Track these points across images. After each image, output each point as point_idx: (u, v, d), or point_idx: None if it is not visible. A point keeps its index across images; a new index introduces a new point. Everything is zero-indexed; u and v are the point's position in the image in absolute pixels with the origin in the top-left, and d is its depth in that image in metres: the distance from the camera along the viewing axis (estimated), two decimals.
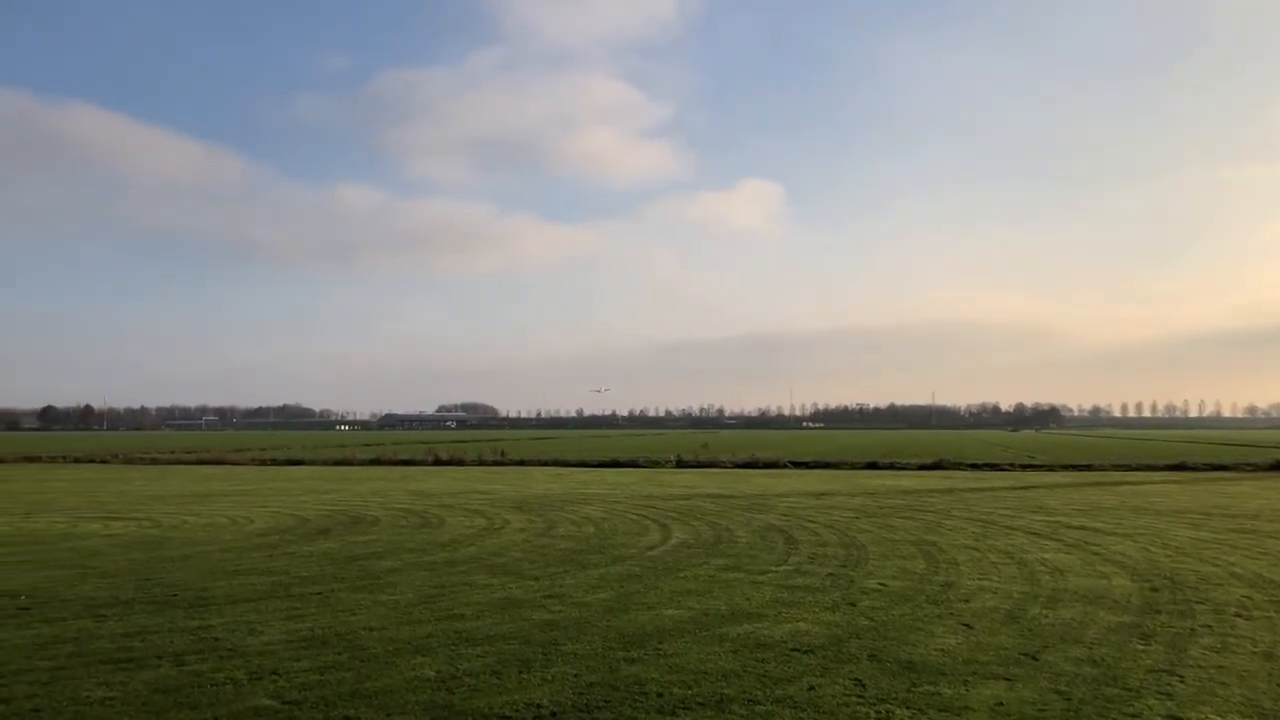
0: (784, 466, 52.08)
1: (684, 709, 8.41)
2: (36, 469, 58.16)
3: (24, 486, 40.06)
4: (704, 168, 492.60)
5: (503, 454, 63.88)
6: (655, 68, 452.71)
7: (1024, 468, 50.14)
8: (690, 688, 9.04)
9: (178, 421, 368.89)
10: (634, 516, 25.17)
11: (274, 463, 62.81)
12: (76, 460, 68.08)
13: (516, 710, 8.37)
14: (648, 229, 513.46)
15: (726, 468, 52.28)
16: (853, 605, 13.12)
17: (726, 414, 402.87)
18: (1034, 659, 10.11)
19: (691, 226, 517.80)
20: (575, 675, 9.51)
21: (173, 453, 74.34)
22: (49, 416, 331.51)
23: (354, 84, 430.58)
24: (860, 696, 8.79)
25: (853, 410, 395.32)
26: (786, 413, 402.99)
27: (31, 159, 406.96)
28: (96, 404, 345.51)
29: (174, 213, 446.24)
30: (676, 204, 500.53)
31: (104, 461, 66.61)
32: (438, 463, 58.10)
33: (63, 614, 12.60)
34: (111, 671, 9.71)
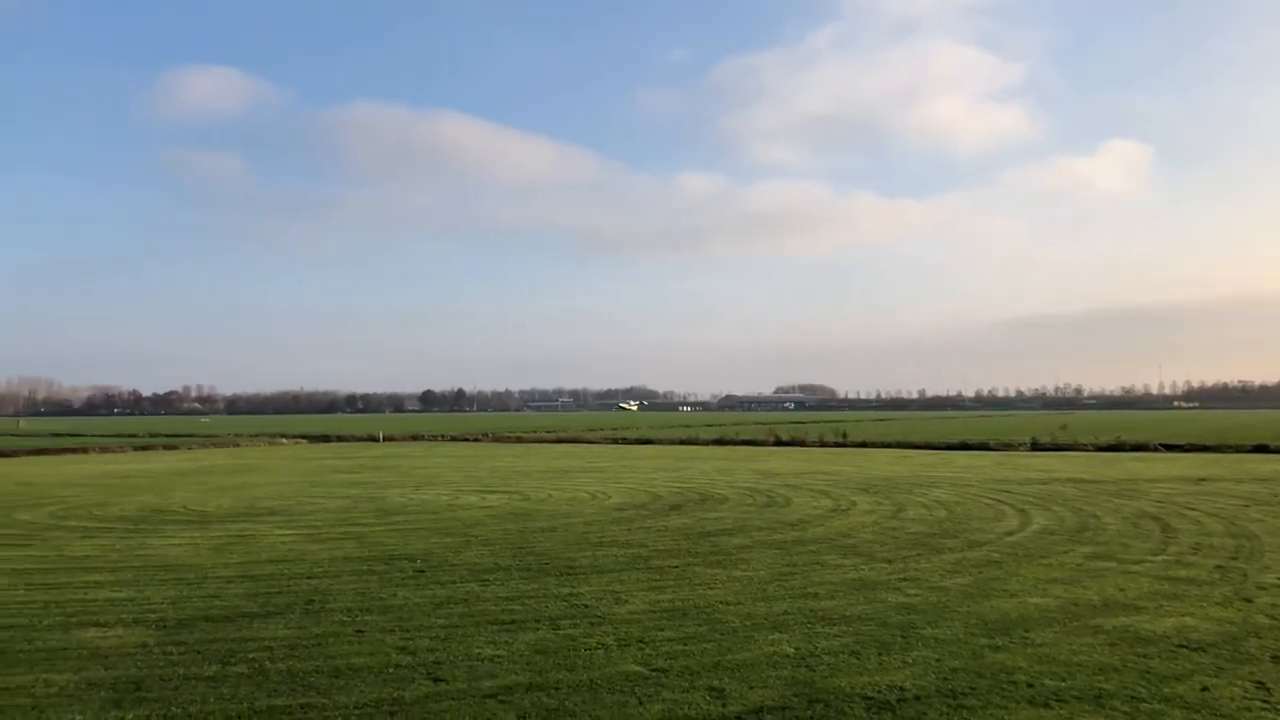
0: (1154, 450, 47.94)
1: (1058, 701, 7.94)
2: (420, 447, 64.58)
3: (412, 463, 44.61)
4: (1059, 131, 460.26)
5: (844, 435, 63.38)
6: (1004, 28, 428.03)
7: None
8: (1063, 680, 8.52)
9: (537, 403, 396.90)
10: (988, 500, 24.11)
11: (624, 441, 65.98)
12: (452, 439, 74.97)
13: (878, 691, 8.25)
14: (994, 199, 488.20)
15: (1087, 450, 48.84)
16: (1248, 601, 11.83)
17: (1085, 393, 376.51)
18: None
19: (1044, 194, 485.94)
20: (937, 660, 9.24)
21: (534, 432, 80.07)
22: (428, 399, 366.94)
23: (694, 75, 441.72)
24: (1265, 701, 7.90)
25: (1234, 388, 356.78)
26: (1154, 391, 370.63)
27: (412, 166, 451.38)
28: (467, 387, 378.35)
29: (528, 209, 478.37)
30: (1027, 171, 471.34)
31: (475, 440, 72.90)
32: (779, 443, 58.60)
33: (452, 577, 13.89)
34: (497, 631, 10.57)
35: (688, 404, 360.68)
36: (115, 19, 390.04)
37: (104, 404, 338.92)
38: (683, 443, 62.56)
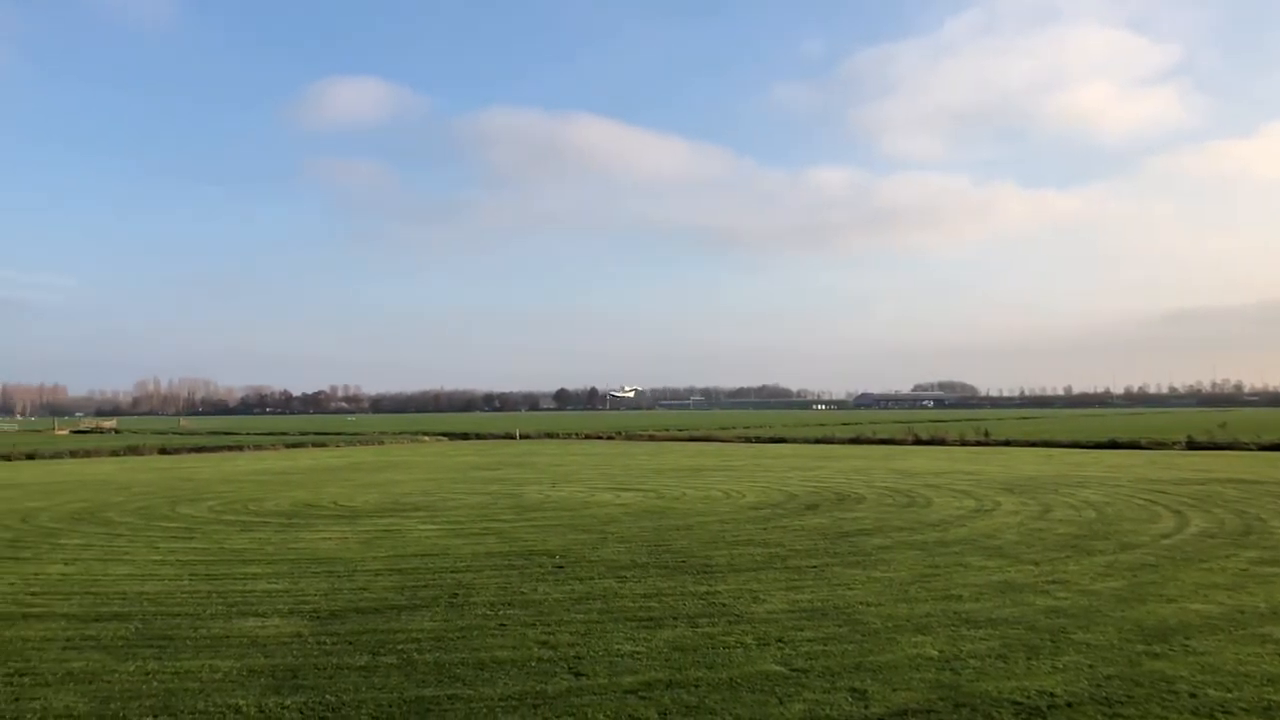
0: None
1: (1224, 713, 7.55)
2: (555, 444, 65.58)
3: (548, 460, 45.35)
4: (1215, 114, 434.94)
5: (986, 434, 61.63)
6: (1156, 8, 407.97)
7: None
8: (1229, 690, 8.09)
9: (668, 401, 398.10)
10: (1140, 501, 23.09)
11: (758, 440, 65.63)
12: (586, 437, 75.88)
13: (1028, 697, 7.99)
14: (1144, 187, 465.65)
15: (1250, 450, 46.28)
16: None
17: (1245, 389, 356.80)
18: None
19: (1199, 180, 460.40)
20: (1090, 666, 8.89)
21: (666, 430, 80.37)
22: (562, 398, 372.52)
23: (828, 67, 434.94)
24: None
25: None
26: None
27: (547, 168, 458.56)
28: (600, 386, 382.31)
29: (661, 208, 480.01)
30: (1181, 157, 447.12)
31: (609, 438, 73.61)
32: (918, 442, 57.37)
33: (590, 574, 14.06)
34: (635, 628, 10.65)
35: (822, 402, 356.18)
36: (262, 35, 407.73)
37: (257, 403, 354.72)
38: (817, 441, 61.89)
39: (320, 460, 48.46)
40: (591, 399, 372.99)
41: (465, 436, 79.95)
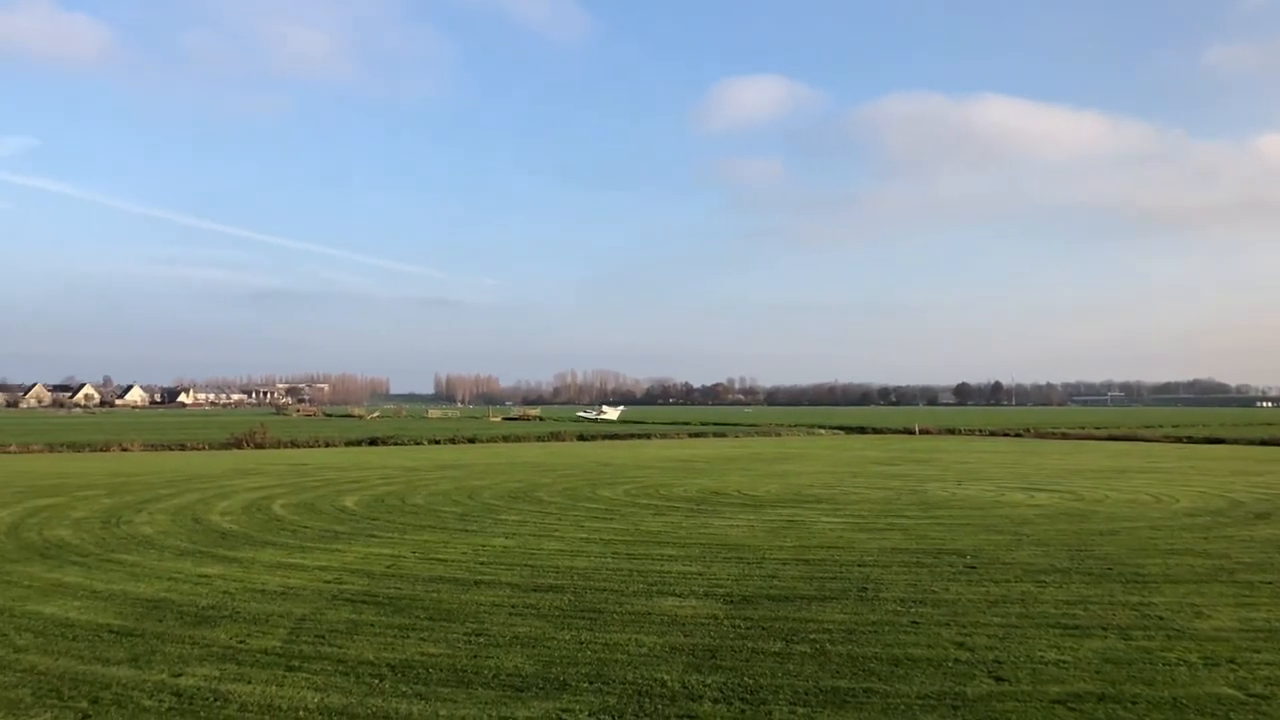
0: None
1: None
2: (956, 441, 63.39)
3: (950, 457, 43.91)
4: None
5: None
6: None
7: None
8: None
9: (1083, 397, 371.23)
10: None
11: (1189, 440, 59.57)
12: (990, 434, 72.62)
13: None
14: None
15: None
16: None
17: None
18: None
19: None
20: None
21: (1081, 428, 75.05)
22: (962, 392, 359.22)
23: (1272, 23, 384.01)
24: None
25: None
26: None
27: (945, 154, 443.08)
28: (1004, 380, 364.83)
29: (1072, 190, 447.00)
30: None
31: (1017, 435, 69.95)
32: None
33: (1005, 576, 13.39)
34: (1059, 636, 9.99)
35: (1269, 399, 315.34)
36: (668, 44, 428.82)
37: (661, 394, 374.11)
38: (1263, 443, 55.05)
39: (721, 450, 50.18)
40: (995, 393, 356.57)
41: (861, 430, 79.39)
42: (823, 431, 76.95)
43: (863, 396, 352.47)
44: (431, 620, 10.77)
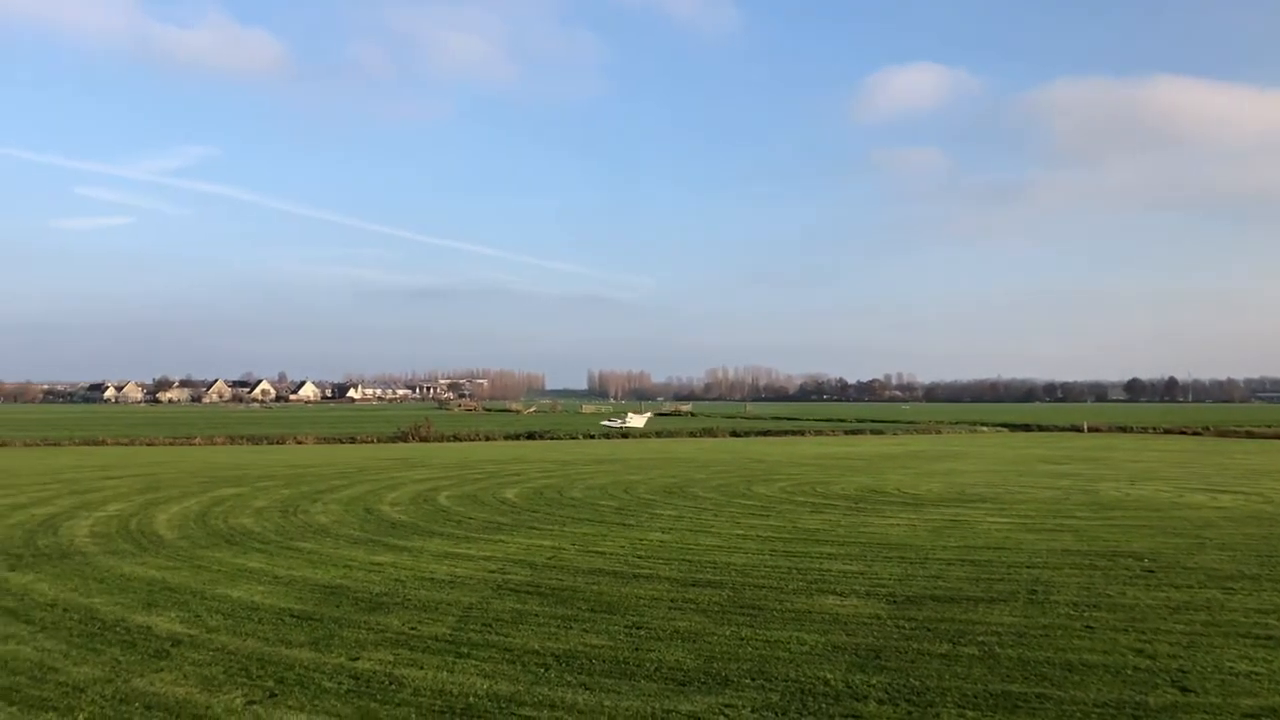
0: None
1: None
2: (1129, 439, 60.53)
3: (1122, 455, 41.96)
4: None
5: None
6: None
7: None
8: None
9: (1269, 394, 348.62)
10: None
11: None
12: (1165, 431, 69.01)
13: None
14: None
15: None
16: None
17: None
18: None
19: None
20: None
21: (1268, 426, 70.59)
22: (1133, 388, 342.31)
23: None
24: None
25: None
26: None
27: (1116, 139, 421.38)
28: (1180, 376, 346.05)
29: (1261, 174, 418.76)
30: None
31: (1195, 434, 66.29)
32: None
33: (1187, 581, 12.70)
34: (1250, 646, 9.42)
35: None
36: (820, 33, 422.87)
37: (814, 390, 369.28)
38: None
39: (878, 447, 49.27)
40: (1170, 389, 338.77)
41: (1026, 428, 76.63)
42: (985, 429, 74.63)
43: (1027, 393, 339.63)
44: (593, 612, 10.94)
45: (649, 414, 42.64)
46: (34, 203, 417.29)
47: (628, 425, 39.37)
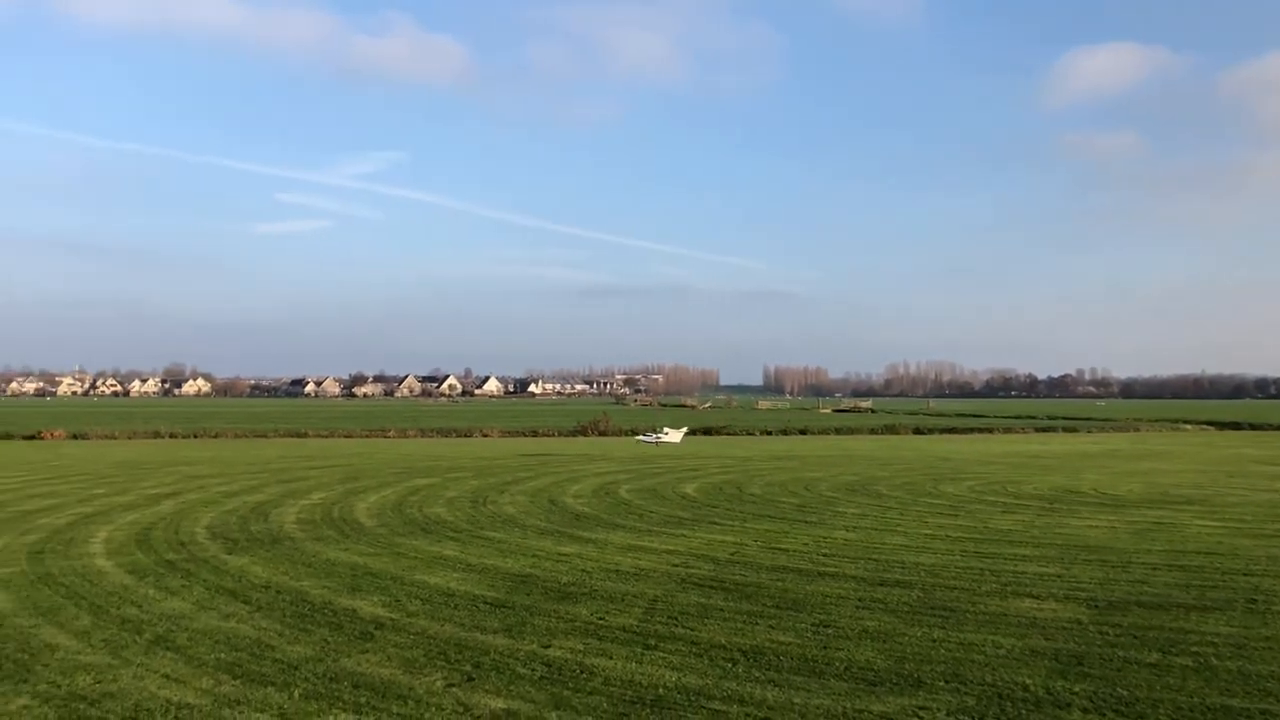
0: None
1: None
2: None
3: None
4: None
5: None
6: None
7: None
8: None
9: None
10: None
11: None
12: None
13: None
14: None
15: None
16: None
17: None
18: None
19: None
20: None
21: None
22: None
23: None
24: None
25: None
26: None
27: None
28: None
29: None
30: None
31: None
32: None
33: None
34: None
35: None
36: (1008, 17, 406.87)
37: (1001, 386, 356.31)
38: None
39: (1072, 445, 47.11)
40: None
41: (1235, 426, 71.62)
42: (1189, 427, 70.20)
43: (1236, 389, 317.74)
44: (778, 608, 10.85)
45: (685, 429, 43.19)
46: (238, 208, 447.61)
47: (663, 440, 40.25)
